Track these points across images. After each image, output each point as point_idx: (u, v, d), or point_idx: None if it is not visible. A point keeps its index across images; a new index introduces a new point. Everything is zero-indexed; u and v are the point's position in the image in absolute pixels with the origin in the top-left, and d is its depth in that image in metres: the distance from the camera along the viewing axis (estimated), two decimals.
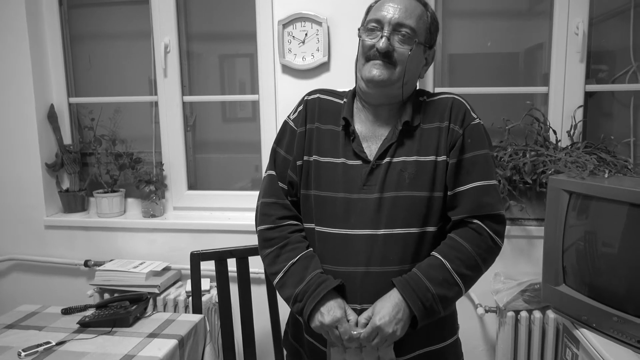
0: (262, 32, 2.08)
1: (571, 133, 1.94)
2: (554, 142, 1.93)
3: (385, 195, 1.12)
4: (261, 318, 1.85)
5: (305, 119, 1.22)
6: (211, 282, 2.08)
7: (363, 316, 1.08)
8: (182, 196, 2.32)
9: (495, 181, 1.16)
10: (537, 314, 1.83)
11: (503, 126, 1.97)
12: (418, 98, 1.21)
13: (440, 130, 1.15)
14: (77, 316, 1.63)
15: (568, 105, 1.99)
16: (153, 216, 2.25)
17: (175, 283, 2.14)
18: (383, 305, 1.07)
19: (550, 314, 1.81)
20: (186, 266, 2.04)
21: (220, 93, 2.35)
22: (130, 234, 2.24)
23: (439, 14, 2.12)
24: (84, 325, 1.55)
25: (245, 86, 2.33)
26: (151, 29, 2.24)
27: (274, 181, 1.23)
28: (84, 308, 1.69)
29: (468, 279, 1.12)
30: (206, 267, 1.86)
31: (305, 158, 1.19)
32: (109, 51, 2.39)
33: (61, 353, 1.39)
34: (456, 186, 1.13)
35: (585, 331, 1.44)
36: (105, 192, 2.28)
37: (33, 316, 1.65)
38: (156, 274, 2.07)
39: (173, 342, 1.46)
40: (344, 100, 1.23)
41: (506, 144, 1.92)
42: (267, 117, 2.13)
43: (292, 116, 1.26)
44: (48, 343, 1.42)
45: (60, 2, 2.30)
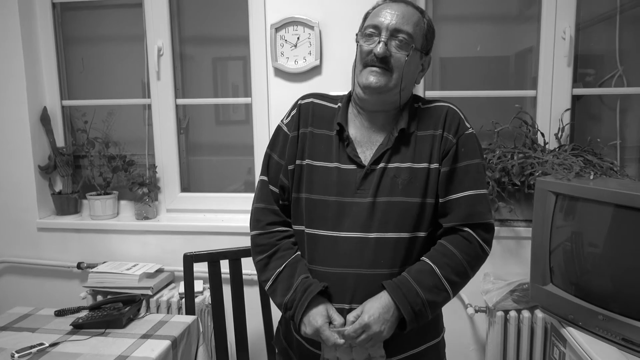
0: (255, 36, 2.10)
1: (559, 136, 1.97)
2: (542, 145, 1.96)
3: (378, 200, 1.14)
4: (254, 319, 1.86)
5: (298, 124, 1.23)
6: (204, 284, 2.09)
7: (352, 314, 1.10)
8: (175, 198, 2.33)
9: (486, 190, 1.19)
10: (526, 314, 1.85)
11: (492, 129, 2.01)
12: (413, 105, 1.22)
13: (434, 138, 1.17)
14: (70, 318, 1.64)
15: (556, 108, 2.02)
16: (146, 218, 2.26)
17: (168, 285, 2.15)
18: (372, 304, 1.09)
19: (538, 314, 1.84)
20: (179, 268, 2.04)
21: (213, 96, 2.36)
22: (123, 236, 2.24)
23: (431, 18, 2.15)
24: (77, 326, 1.56)
25: (238, 89, 2.35)
26: (144, 32, 2.25)
27: (265, 186, 1.25)
28: (77, 310, 1.70)
29: (456, 285, 1.14)
30: (199, 269, 1.87)
31: (297, 162, 1.21)
32: (102, 54, 2.40)
33: (54, 354, 1.40)
34: (448, 194, 1.15)
35: (571, 330, 1.47)
36: (98, 195, 2.28)
37: (26, 318, 1.65)
38: (149, 276, 2.08)
39: (166, 343, 1.47)
40: (338, 104, 1.24)
41: (495, 147, 1.95)
42: (260, 120, 2.15)
43: (285, 120, 1.27)
44: (41, 344, 1.43)
45: (53, 5, 2.31)
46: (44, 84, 2.33)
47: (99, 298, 2.05)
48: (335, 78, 2.01)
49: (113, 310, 1.63)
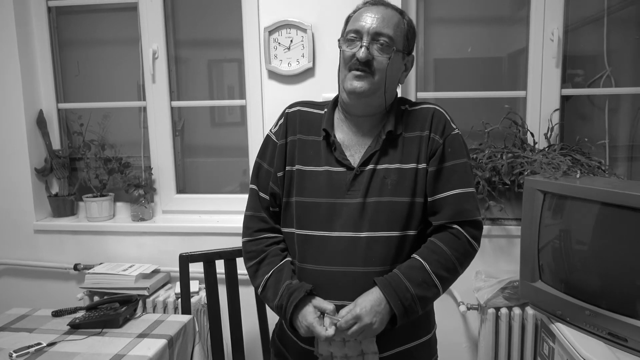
0: (249, 39, 2.13)
1: (548, 135, 2.01)
2: (532, 145, 1.99)
3: (368, 200, 1.17)
4: (249, 318, 1.88)
5: (286, 132, 1.27)
6: (200, 284, 2.11)
7: (345, 309, 1.13)
8: (171, 200, 2.35)
9: (473, 189, 1.22)
10: (517, 311, 1.88)
11: (482, 129, 2.04)
12: (400, 107, 1.25)
13: (421, 139, 1.20)
14: (68, 318, 1.65)
15: (545, 108, 2.06)
16: (142, 220, 2.28)
17: (164, 285, 2.17)
18: (364, 298, 1.12)
19: (529, 311, 1.87)
20: (175, 269, 2.06)
21: (209, 98, 2.39)
22: (119, 238, 2.26)
23: (421, 21, 2.18)
24: (75, 326, 1.58)
25: (234, 91, 2.37)
26: (139, 35, 2.28)
27: (255, 194, 1.29)
28: (74, 310, 1.72)
29: (445, 281, 1.17)
30: (195, 270, 1.89)
31: (287, 168, 1.24)
32: (98, 57, 2.42)
33: (52, 354, 1.42)
34: (436, 193, 1.19)
35: (560, 325, 1.50)
36: (94, 197, 2.30)
37: (23, 319, 1.67)
38: (145, 277, 2.10)
39: (162, 342, 1.49)
40: (325, 110, 1.27)
41: (485, 147, 1.98)
42: (255, 122, 2.17)
43: (274, 130, 1.30)
44: (39, 344, 1.44)
45: (48, 9, 2.33)
46: (40, 88, 2.35)
47: (96, 299, 2.06)
48: (328, 80, 2.04)
49: (110, 310, 1.65)
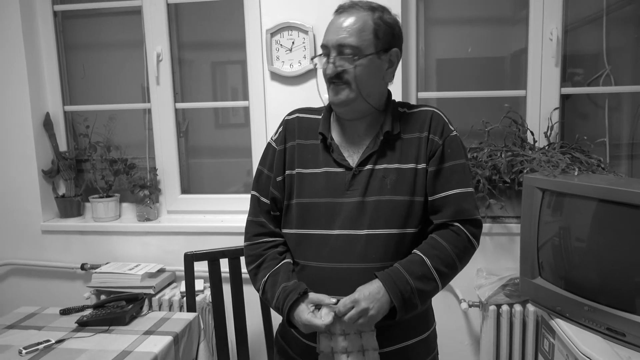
0: (251, 41, 2.16)
1: (548, 134, 2.02)
2: (531, 143, 2.01)
3: (367, 199, 1.19)
4: (253, 316, 1.91)
5: (284, 138, 1.30)
6: (205, 283, 2.14)
7: (345, 298, 1.15)
8: (176, 200, 2.38)
9: (472, 189, 1.25)
10: (518, 308, 1.90)
11: (483, 128, 2.06)
12: (397, 109, 1.28)
13: (420, 140, 1.23)
14: (75, 316, 1.69)
15: (545, 107, 2.07)
16: (147, 220, 2.31)
17: (170, 284, 2.20)
18: (365, 287, 1.14)
19: (530, 307, 1.88)
20: (180, 268, 2.08)
21: (212, 99, 2.42)
22: (125, 238, 2.29)
23: (421, 21, 2.20)
24: (82, 324, 1.61)
25: (237, 92, 2.40)
26: (143, 38, 2.31)
27: (255, 200, 1.33)
28: (82, 308, 1.75)
29: (445, 276, 1.19)
30: (200, 269, 1.92)
31: (287, 172, 1.27)
32: (103, 60, 2.45)
33: (61, 350, 1.45)
34: (436, 192, 1.21)
35: (559, 321, 1.52)
36: (100, 197, 2.34)
37: (32, 317, 1.71)
38: (151, 276, 2.13)
39: (168, 339, 1.52)
40: (322, 115, 1.31)
41: (485, 145, 2.00)
42: (258, 123, 2.20)
43: (274, 137, 1.34)
44: (48, 341, 1.48)
45: (54, 13, 2.36)
46: (47, 90, 2.39)
47: (103, 298, 2.09)
48: None
49: (116, 308, 1.68)
